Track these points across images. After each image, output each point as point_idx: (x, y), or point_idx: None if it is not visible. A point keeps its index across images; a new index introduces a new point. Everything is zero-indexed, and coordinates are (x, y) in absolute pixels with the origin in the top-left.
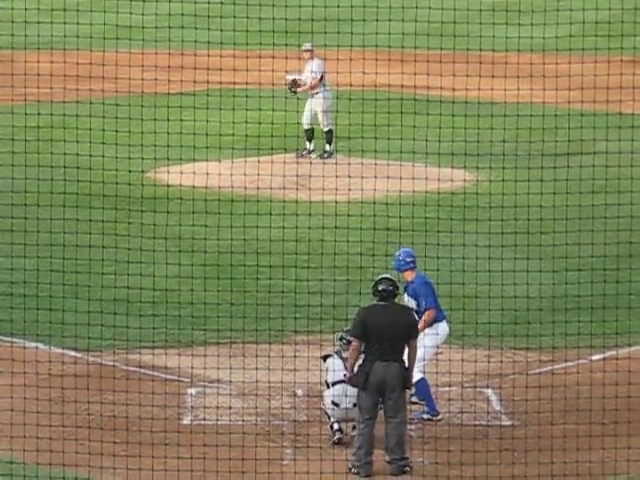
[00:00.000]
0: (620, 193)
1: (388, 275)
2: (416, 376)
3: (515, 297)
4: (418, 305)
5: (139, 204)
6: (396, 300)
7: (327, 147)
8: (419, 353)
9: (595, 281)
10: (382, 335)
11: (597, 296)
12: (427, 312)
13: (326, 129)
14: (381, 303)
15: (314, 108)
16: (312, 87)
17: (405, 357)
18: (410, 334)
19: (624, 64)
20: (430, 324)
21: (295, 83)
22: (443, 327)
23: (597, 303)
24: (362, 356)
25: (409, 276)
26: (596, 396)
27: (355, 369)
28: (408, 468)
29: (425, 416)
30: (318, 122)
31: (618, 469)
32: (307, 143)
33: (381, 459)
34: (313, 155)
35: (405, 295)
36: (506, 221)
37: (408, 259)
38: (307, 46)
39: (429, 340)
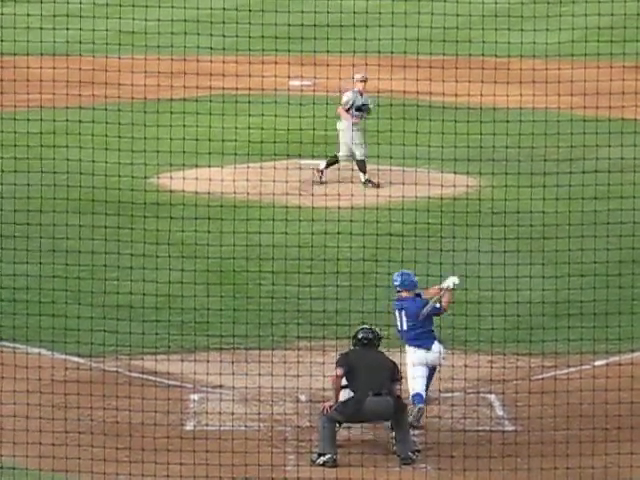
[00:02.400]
0: (622, 199)
1: (367, 325)
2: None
3: (518, 303)
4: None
5: (142, 210)
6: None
7: (366, 176)
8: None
9: (598, 287)
10: (370, 373)
11: (600, 302)
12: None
13: (362, 158)
14: (364, 349)
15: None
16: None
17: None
18: (395, 375)
19: (626, 70)
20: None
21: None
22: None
23: (600, 309)
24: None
25: (408, 294)
26: (599, 402)
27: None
28: (415, 454)
29: (420, 406)
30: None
31: (621, 475)
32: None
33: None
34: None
35: (396, 311)
36: (509, 227)
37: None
38: (366, 75)
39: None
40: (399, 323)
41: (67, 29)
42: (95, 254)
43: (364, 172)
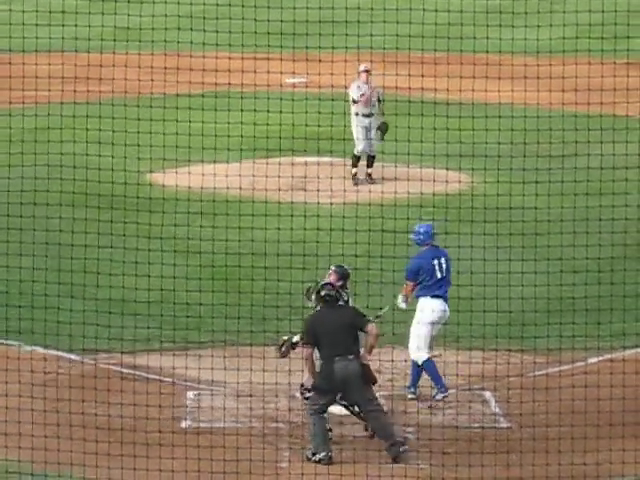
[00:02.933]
0: (615, 195)
1: (329, 281)
2: (422, 357)
3: (510, 299)
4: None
5: (135, 204)
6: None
7: (370, 170)
8: (413, 329)
9: (590, 283)
10: (332, 335)
11: (592, 298)
12: (406, 284)
13: (374, 153)
14: (327, 307)
15: (370, 131)
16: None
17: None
18: (355, 324)
19: (617, 66)
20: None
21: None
22: (429, 305)
23: (592, 305)
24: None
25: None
26: (591, 398)
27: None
28: (403, 449)
29: (439, 396)
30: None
31: (613, 471)
32: (355, 169)
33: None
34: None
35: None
36: (501, 223)
37: (415, 235)
38: (368, 66)
39: (417, 315)
40: (438, 273)
41: (63, 25)
42: (88, 247)
43: (354, 166)
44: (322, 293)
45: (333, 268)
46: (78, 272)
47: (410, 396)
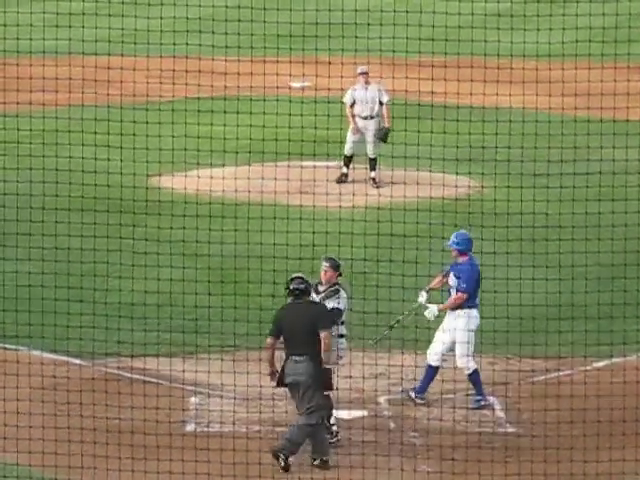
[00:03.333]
0: (627, 201)
1: (300, 274)
2: (472, 366)
3: (521, 305)
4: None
5: (143, 208)
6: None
7: (373, 174)
8: (460, 337)
9: (602, 290)
10: (292, 331)
11: (604, 305)
12: (459, 294)
13: (375, 156)
14: (296, 301)
15: (368, 134)
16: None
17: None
18: (317, 325)
19: (631, 70)
20: (459, 308)
21: (389, 132)
22: (475, 314)
23: (604, 312)
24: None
25: (460, 258)
26: (603, 406)
27: None
28: (282, 457)
29: (476, 404)
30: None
31: (626, 468)
32: (345, 168)
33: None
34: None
35: (452, 273)
36: (511, 228)
37: (459, 245)
38: (365, 69)
39: (463, 323)
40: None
41: (69, 27)
42: (97, 252)
43: (345, 166)
44: (291, 286)
45: (327, 264)
46: (87, 276)
47: (419, 401)
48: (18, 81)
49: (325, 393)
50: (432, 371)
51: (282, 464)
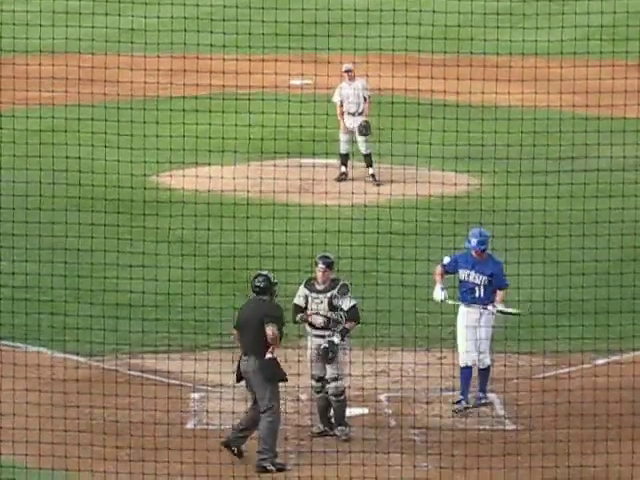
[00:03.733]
0: (624, 197)
1: (264, 272)
2: (487, 363)
3: (519, 301)
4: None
5: (142, 208)
6: None
7: (371, 170)
8: (484, 334)
9: (599, 285)
10: (245, 327)
11: (601, 300)
12: (505, 290)
13: (368, 152)
14: (256, 297)
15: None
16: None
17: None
18: (264, 320)
19: (629, 68)
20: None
21: (368, 125)
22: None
23: (601, 307)
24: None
25: (481, 256)
26: (600, 400)
27: None
28: (268, 466)
29: (481, 399)
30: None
31: (622, 474)
32: (343, 167)
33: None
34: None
35: (472, 271)
36: (510, 225)
37: (485, 244)
38: (349, 66)
39: (488, 320)
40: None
41: (66, 26)
42: (94, 252)
43: (342, 165)
44: (254, 283)
45: (322, 266)
46: (85, 277)
47: (465, 405)
48: (14, 80)
49: (279, 384)
50: (469, 371)
51: (274, 470)
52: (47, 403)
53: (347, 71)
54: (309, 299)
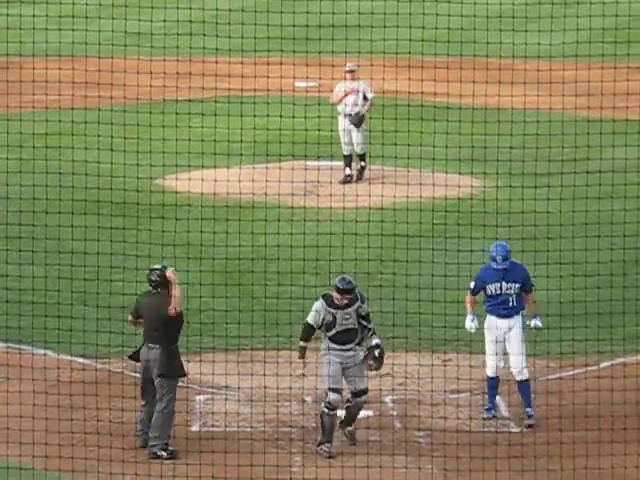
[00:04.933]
0: (626, 199)
1: (158, 266)
2: (527, 373)
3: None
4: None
5: (147, 211)
6: None
7: (362, 164)
8: (519, 348)
9: (602, 287)
10: (147, 320)
11: (604, 302)
12: (534, 293)
13: (363, 152)
14: (152, 291)
15: (353, 132)
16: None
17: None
18: (162, 314)
19: (631, 70)
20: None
21: (361, 116)
22: None
23: (604, 309)
24: None
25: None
26: (605, 402)
27: None
28: (159, 451)
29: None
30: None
31: (628, 476)
32: (348, 169)
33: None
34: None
35: (503, 282)
36: (513, 227)
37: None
38: (352, 66)
39: (519, 332)
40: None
41: (73, 30)
42: (101, 255)
43: (346, 167)
44: (150, 278)
45: (349, 296)
46: (91, 280)
47: (491, 414)
48: (21, 83)
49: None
50: (494, 381)
51: (165, 455)
52: (53, 405)
53: (350, 71)
54: (337, 317)
